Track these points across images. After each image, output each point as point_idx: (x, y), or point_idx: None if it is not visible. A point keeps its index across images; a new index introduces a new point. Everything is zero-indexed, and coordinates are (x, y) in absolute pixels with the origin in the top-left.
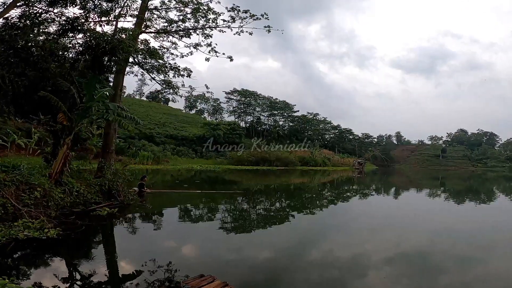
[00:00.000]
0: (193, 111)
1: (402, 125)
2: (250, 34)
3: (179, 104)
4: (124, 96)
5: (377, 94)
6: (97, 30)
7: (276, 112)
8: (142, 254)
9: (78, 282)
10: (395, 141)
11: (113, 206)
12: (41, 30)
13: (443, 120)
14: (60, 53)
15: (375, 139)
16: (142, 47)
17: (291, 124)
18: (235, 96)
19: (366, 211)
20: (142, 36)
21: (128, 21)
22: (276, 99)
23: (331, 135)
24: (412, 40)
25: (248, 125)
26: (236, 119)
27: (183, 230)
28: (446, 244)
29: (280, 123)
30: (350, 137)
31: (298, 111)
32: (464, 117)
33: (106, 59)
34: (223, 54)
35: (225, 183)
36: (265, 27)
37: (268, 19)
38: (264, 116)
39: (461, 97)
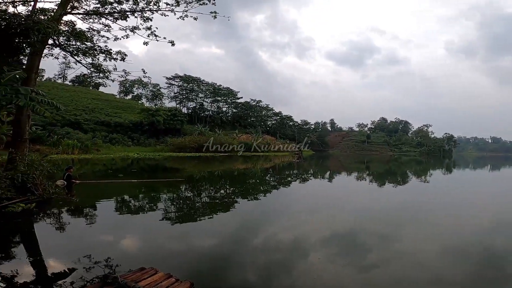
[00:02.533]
0: (129, 97)
1: (335, 112)
2: (195, 19)
3: (112, 89)
4: (43, 80)
5: (313, 82)
6: (9, 11)
7: (219, 98)
8: (74, 251)
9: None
10: (329, 128)
11: (30, 201)
12: None
13: (369, 109)
14: None
15: (312, 126)
16: (66, 28)
17: (234, 110)
18: (176, 81)
19: (305, 195)
20: (68, 17)
21: (50, 1)
22: (220, 85)
23: (273, 122)
24: (345, 34)
25: (190, 111)
26: (178, 105)
27: (121, 223)
28: (369, 224)
29: (224, 109)
30: (290, 123)
31: (241, 97)
32: (385, 106)
33: (17, 40)
34: (164, 38)
35: (167, 171)
36: (211, 12)
37: (215, 5)
38: (207, 102)
39: (382, 89)
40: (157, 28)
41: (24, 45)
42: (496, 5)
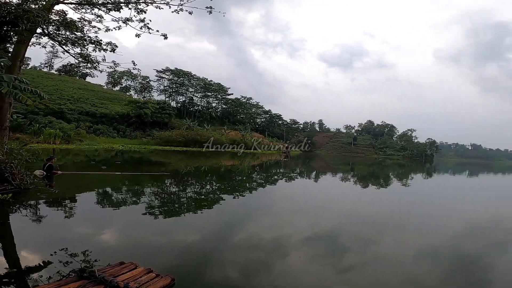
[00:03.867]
0: (117, 88)
1: (324, 113)
2: (190, 13)
3: (99, 79)
4: (28, 68)
5: (303, 84)
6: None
7: (210, 93)
8: (50, 244)
9: None
10: (317, 128)
11: (6, 192)
12: None
13: (357, 111)
14: None
15: (301, 125)
16: (57, 18)
17: (224, 106)
18: (167, 75)
19: (289, 194)
20: (60, 7)
21: None
22: (211, 81)
23: (262, 119)
24: (338, 36)
25: (179, 105)
26: (167, 99)
27: (101, 216)
28: (350, 226)
29: (214, 104)
30: (280, 122)
31: (232, 94)
32: (373, 109)
33: (5, 28)
34: (157, 31)
35: (152, 164)
36: (206, 7)
37: (211, 0)
38: (197, 97)
39: (371, 92)
40: (150, 20)
41: (12, 33)
42: (485, 13)
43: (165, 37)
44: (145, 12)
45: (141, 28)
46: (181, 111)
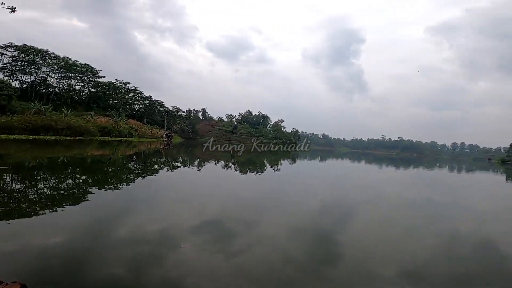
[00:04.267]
0: None
1: (208, 102)
2: None
3: None
4: None
5: (190, 71)
6: None
7: (73, 75)
8: None
9: None
10: (200, 116)
11: None
12: None
13: (238, 101)
14: None
15: (184, 113)
16: None
17: (92, 90)
18: (10, 51)
19: (172, 183)
20: None
21: None
22: (76, 61)
23: (141, 106)
24: (228, 27)
25: (26, 86)
26: (7, 78)
27: None
28: (234, 211)
29: (77, 87)
30: (161, 109)
31: (104, 77)
32: (252, 100)
33: None
34: (2, 4)
35: None
36: None
37: None
38: (53, 77)
39: (250, 84)
40: None
41: None
42: (343, 20)
43: (13, 10)
44: None
45: None
46: (28, 93)
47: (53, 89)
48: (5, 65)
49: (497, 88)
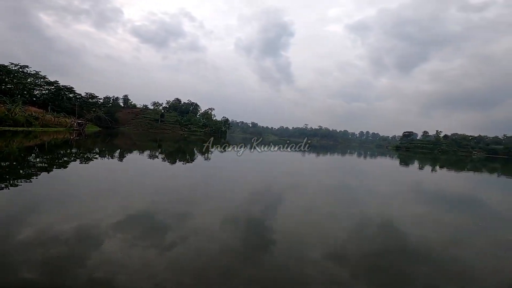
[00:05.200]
0: None
1: (131, 89)
2: None
3: None
4: None
5: (109, 56)
6: None
7: None
8: None
9: None
10: (122, 104)
11: None
12: None
13: (165, 89)
14: None
15: (101, 100)
16: None
17: None
18: None
19: (88, 177)
20: None
21: None
22: None
23: (44, 92)
24: (159, 13)
25: None
26: None
27: None
28: (163, 202)
29: None
30: (71, 95)
31: None
32: (180, 88)
33: None
34: None
35: None
36: None
37: None
38: None
39: (180, 72)
40: None
41: None
42: (277, 13)
43: None
44: None
45: None
46: None
47: None
48: None
49: (395, 84)
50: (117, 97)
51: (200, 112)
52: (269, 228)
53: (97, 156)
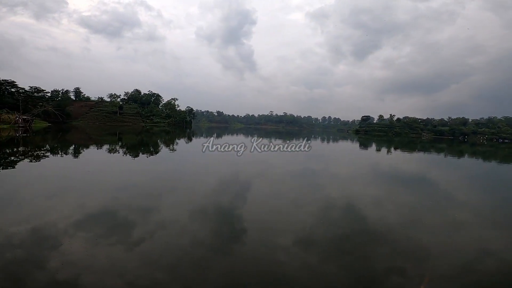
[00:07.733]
0: None
1: (82, 81)
2: None
3: None
4: None
5: (52, 48)
6: None
7: None
8: None
9: None
10: (73, 97)
11: None
12: None
13: (122, 80)
14: None
15: (49, 94)
16: None
17: None
18: None
19: (40, 175)
20: None
21: None
22: None
23: None
24: (110, 3)
25: None
26: None
27: None
28: (127, 198)
29: None
30: (13, 90)
31: None
32: (139, 79)
33: None
34: None
35: None
36: None
37: None
38: None
39: (137, 62)
40: None
41: None
42: (239, 1)
43: None
44: None
45: None
46: None
47: None
48: None
49: (352, 70)
50: (67, 90)
51: (163, 102)
52: (239, 217)
53: (48, 153)
